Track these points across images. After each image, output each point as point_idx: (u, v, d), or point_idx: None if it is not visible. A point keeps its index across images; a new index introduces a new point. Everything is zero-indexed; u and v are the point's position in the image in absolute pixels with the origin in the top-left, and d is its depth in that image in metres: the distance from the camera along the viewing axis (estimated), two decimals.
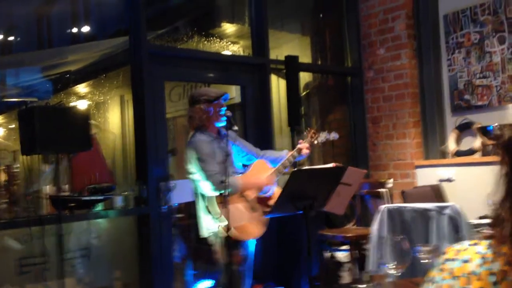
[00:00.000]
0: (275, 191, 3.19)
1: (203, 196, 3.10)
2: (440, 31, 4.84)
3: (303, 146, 3.29)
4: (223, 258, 3.12)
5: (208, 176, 2.99)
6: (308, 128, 3.53)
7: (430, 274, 0.92)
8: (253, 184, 3.13)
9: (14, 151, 7.74)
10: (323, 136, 4.50)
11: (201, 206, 3.15)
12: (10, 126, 7.88)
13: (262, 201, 3.15)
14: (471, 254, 0.88)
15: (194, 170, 3.09)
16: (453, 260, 0.89)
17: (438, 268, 0.91)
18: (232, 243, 3.05)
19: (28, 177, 3.18)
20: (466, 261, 0.87)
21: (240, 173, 3.23)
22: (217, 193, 2.98)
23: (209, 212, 3.06)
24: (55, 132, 2.94)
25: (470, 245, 0.90)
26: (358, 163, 5.17)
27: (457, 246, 0.91)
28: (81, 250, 3.63)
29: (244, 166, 3.34)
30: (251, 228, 3.06)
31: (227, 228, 2.92)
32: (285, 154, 3.34)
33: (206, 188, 3.02)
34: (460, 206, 2.79)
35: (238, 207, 3.05)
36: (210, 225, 3.11)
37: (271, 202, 3.14)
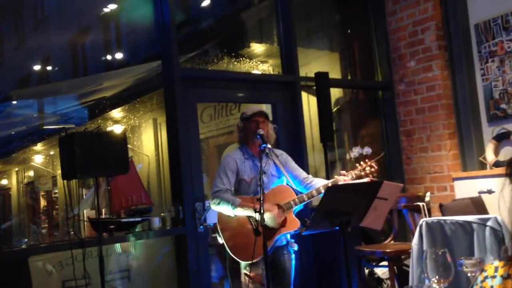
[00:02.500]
0: (289, 220, 3.11)
1: None
2: (472, 41, 4.78)
3: (342, 179, 3.13)
4: (242, 276, 3.14)
5: (213, 188, 3.14)
6: (367, 161, 3.25)
7: None
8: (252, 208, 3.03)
9: (54, 177, 7.98)
10: (356, 151, 4.47)
11: None
12: (49, 153, 8.13)
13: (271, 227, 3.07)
14: (510, 270, 0.86)
15: None
16: (493, 277, 0.88)
17: (479, 286, 0.90)
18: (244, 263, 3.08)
19: (67, 202, 3.26)
20: (506, 278, 0.86)
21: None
22: (216, 207, 3.11)
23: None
24: (95, 156, 3.02)
25: (508, 261, 0.89)
26: (393, 177, 5.10)
27: (495, 263, 0.90)
28: (121, 272, 3.68)
29: None
30: (248, 251, 2.98)
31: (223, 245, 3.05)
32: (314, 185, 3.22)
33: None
34: (502, 218, 2.71)
35: (244, 227, 3.07)
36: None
37: (283, 230, 3.09)
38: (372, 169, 3.19)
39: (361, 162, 3.24)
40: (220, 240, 3.13)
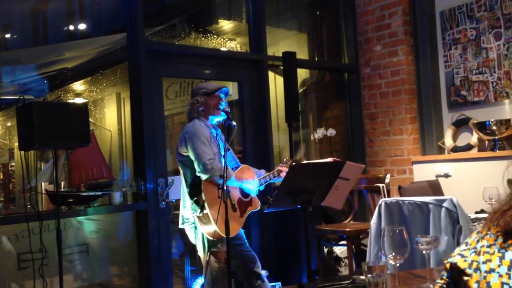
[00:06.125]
0: (254, 199, 3.24)
1: (187, 182, 3.08)
2: (437, 28, 4.86)
3: (284, 169, 3.30)
4: (205, 254, 3.07)
5: (203, 158, 2.91)
6: (287, 158, 3.59)
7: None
8: (247, 177, 3.18)
9: (11, 149, 7.72)
10: (320, 133, 4.51)
11: (184, 193, 3.11)
12: (6, 124, 7.85)
13: (243, 204, 3.17)
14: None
15: (187, 153, 3.01)
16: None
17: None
18: (213, 240, 3.01)
19: (24, 174, 3.16)
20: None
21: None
22: (207, 177, 2.91)
23: (192, 197, 3.00)
24: (54, 127, 2.93)
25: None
26: (355, 159, 5.19)
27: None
28: (79, 246, 3.62)
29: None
30: (232, 226, 3.03)
31: (209, 220, 2.91)
32: (263, 172, 3.37)
33: (199, 170, 2.95)
34: (457, 200, 2.81)
35: (222, 204, 3.05)
36: (186, 213, 3.08)
37: (250, 208, 3.20)
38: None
39: (280, 166, 3.39)
40: (205, 212, 2.94)
